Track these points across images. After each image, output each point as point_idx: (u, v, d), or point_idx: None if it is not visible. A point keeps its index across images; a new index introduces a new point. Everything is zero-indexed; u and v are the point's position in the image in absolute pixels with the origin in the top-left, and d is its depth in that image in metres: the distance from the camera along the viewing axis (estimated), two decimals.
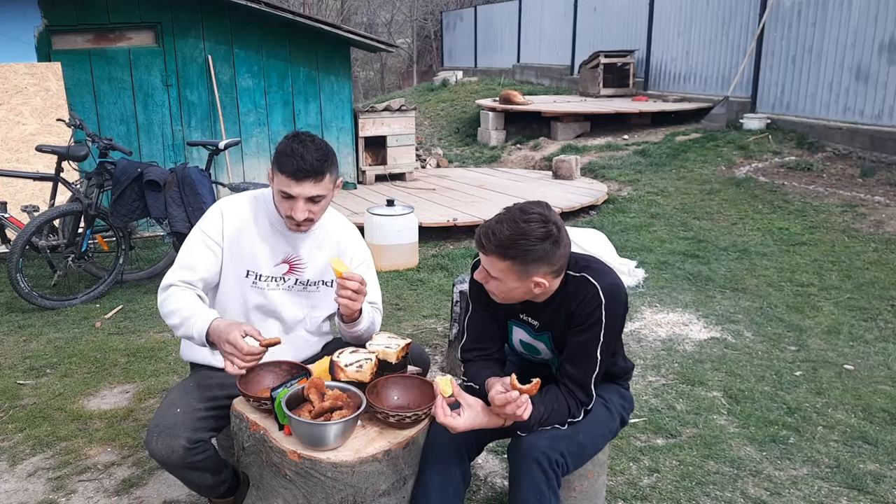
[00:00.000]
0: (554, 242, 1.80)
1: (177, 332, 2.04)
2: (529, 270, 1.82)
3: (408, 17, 23.38)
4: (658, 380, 3.52)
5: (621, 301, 1.92)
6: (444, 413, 1.81)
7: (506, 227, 1.79)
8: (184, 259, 2.15)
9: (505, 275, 1.84)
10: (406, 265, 5.56)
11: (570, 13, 14.05)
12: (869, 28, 7.64)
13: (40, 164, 5.76)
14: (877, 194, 6.56)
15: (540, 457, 1.85)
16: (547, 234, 1.79)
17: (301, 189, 2.03)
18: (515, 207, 1.83)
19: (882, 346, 3.85)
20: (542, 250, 1.79)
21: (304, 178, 2.02)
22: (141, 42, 6.81)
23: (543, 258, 1.80)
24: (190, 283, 2.11)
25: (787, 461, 2.78)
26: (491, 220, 1.84)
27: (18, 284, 4.50)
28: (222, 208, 2.20)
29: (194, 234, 2.19)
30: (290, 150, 2.02)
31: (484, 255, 1.86)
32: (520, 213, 1.81)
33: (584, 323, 1.90)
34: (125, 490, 2.64)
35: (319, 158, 2.03)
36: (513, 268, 1.82)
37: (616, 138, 9.77)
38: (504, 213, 1.84)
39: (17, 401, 3.39)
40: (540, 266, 1.81)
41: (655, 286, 4.92)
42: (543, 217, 1.80)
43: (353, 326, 2.20)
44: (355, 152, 8.06)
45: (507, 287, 1.88)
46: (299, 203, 2.06)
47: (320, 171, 2.04)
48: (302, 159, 2.01)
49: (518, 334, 2.12)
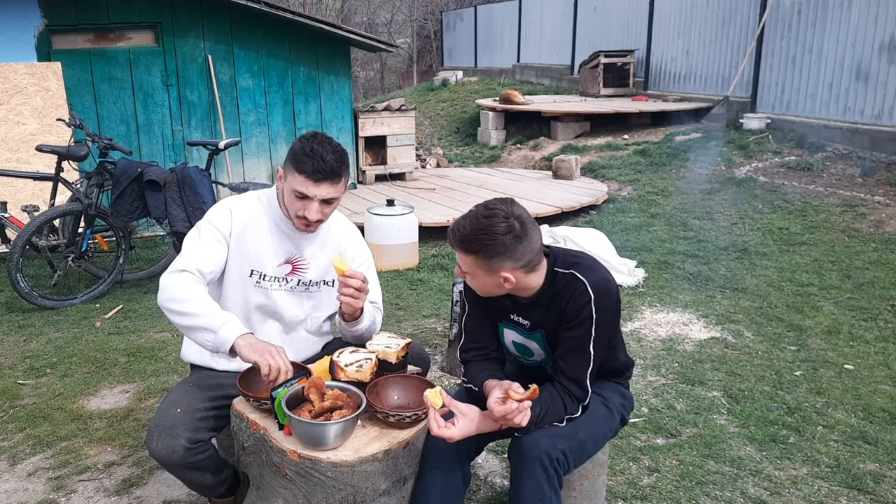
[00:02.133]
0: (516, 237, 1.82)
1: (179, 319, 1.94)
2: (493, 265, 1.85)
3: (408, 17, 23.38)
4: (658, 379, 3.52)
5: (612, 295, 1.93)
6: (437, 426, 1.82)
7: (468, 223, 1.84)
8: (195, 249, 2.09)
9: (472, 269, 1.89)
10: (406, 265, 5.56)
11: (570, 13, 14.05)
12: (869, 28, 7.64)
13: (40, 164, 5.76)
14: (877, 194, 6.56)
15: (542, 455, 1.85)
16: (508, 229, 1.81)
17: (318, 190, 2.03)
18: (482, 205, 1.88)
19: (882, 346, 3.85)
20: (503, 245, 1.81)
21: (322, 180, 2.02)
22: (141, 42, 6.81)
23: (505, 253, 1.83)
24: (202, 272, 2.05)
25: (787, 461, 2.78)
26: (460, 217, 1.89)
27: (18, 284, 4.50)
28: (231, 206, 2.19)
29: (204, 226, 2.14)
30: (310, 150, 2.01)
31: (454, 250, 1.91)
32: (483, 209, 1.85)
33: (575, 319, 1.91)
34: (125, 490, 2.64)
35: (338, 160, 2.04)
36: (477, 262, 1.86)
37: (616, 138, 9.77)
38: (471, 209, 1.88)
39: (17, 401, 3.39)
40: (504, 260, 1.84)
41: (655, 286, 4.92)
42: (505, 213, 1.83)
43: (354, 325, 2.20)
44: (355, 152, 8.06)
45: (479, 281, 1.92)
46: (314, 204, 2.05)
47: (338, 173, 2.05)
48: (322, 160, 2.00)
49: (510, 336, 2.12)
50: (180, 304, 1.95)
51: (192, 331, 1.95)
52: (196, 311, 1.93)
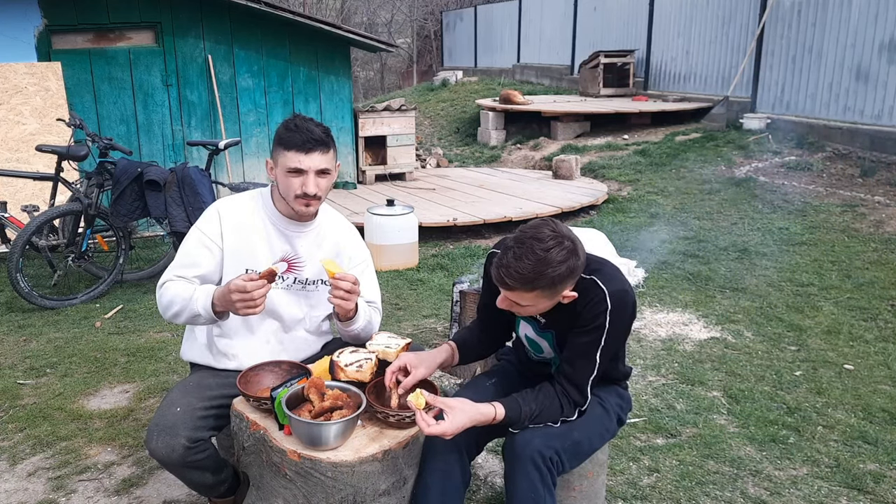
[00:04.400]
0: (574, 254, 1.80)
1: (180, 318, 2.08)
2: (558, 290, 1.82)
3: (408, 17, 23.38)
4: (658, 380, 3.52)
5: (628, 308, 1.92)
6: (427, 424, 1.79)
7: (527, 262, 1.74)
8: (180, 259, 2.17)
9: (535, 301, 1.84)
10: (406, 265, 5.56)
11: (570, 13, 14.05)
12: (869, 28, 7.64)
13: (40, 164, 5.76)
14: (877, 194, 6.56)
15: (535, 455, 1.85)
16: (568, 255, 1.78)
17: (311, 161, 2.06)
18: (527, 237, 1.77)
19: (882, 346, 3.85)
20: (568, 269, 1.78)
21: (312, 149, 2.06)
22: (141, 42, 6.81)
23: (569, 275, 1.81)
24: (185, 278, 2.14)
25: (787, 461, 2.78)
26: (507, 257, 1.77)
27: (18, 284, 4.50)
28: (219, 209, 2.21)
29: (191, 234, 2.20)
30: (294, 125, 2.07)
31: (507, 290, 1.83)
32: (535, 242, 1.76)
33: (588, 325, 1.90)
34: (125, 490, 2.64)
35: (324, 131, 2.10)
36: (542, 294, 1.81)
37: (616, 138, 9.77)
38: (517, 245, 1.77)
39: (17, 400, 3.39)
40: (567, 282, 1.83)
41: (655, 286, 4.92)
42: (558, 237, 1.77)
43: (349, 325, 2.20)
44: (355, 152, 8.06)
45: (537, 307, 1.88)
46: (311, 176, 2.08)
47: (326, 142, 2.09)
48: (309, 131, 2.05)
49: (524, 329, 2.13)
50: (171, 306, 2.09)
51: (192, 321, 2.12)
52: (180, 307, 2.06)
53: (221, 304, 2.00)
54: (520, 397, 1.92)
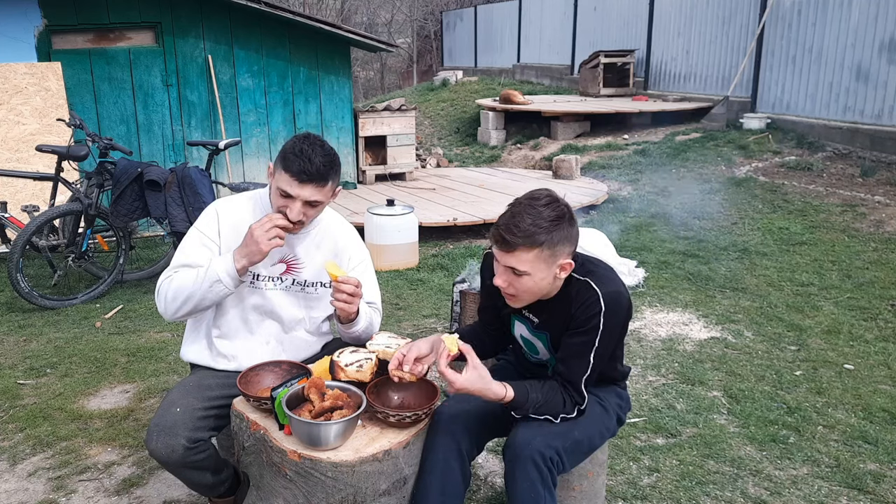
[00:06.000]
0: (570, 219, 1.86)
1: (188, 305, 2.06)
2: (556, 252, 1.84)
3: (408, 17, 23.37)
4: (658, 379, 3.52)
5: (622, 309, 1.93)
6: (445, 363, 1.84)
7: (526, 217, 1.81)
8: (178, 258, 2.17)
9: (534, 265, 1.83)
10: (406, 265, 5.56)
11: (570, 13, 14.05)
12: (869, 28, 7.64)
13: (40, 164, 5.76)
14: (877, 194, 6.56)
15: (534, 455, 1.85)
16: (563, 213, 1.84)
17: (301, 191, 2.02)
18: (523, 198, 1.87)
19: (882, 346, 3.85)
20: (565, 229, 1.83)
21: (307, 182, 2.01)
22: (141, 42, 6.81)
23: (567, 237, 1.85)
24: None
25: (787, 461, 2.78)
26: (505, 217, 1.85)
27: (19, 284, 4.50)
28: (217, 209, 2.21)
29: (190, 234, 2.20)
30: (300, 150, 2.00)
31: (508, 252, 1.83)
32: (531, 200, 1.85)
33: (582, 327, 1.91)
34: (125, 490, 2.64)
35: (326, 164, 2.02)
36: (542, 255, 1.82)
37: (616, 138, 9.77)
38: (514, 206, 1.86)
39: (17, 401, 3.39)
40: (565, 245, 1.85)
41: (655, 286, 4.92)
42: (553, 197, 1.85)
43: (350, 327, 2.20)
44: (355, 152, 8.06)
45: (535, 279, 1.86)
46: (296, 204, 2.04)
47: (325, 177, 2.03)
48: (309, 162, 1.99)
49: (519, 329, 2.13)
50: (176, 299, 2.07)
51: (206, 297, 2.06)
52: (191, 290, 2.05)
53: (242, 255, 2.01)
54: (528, 384, 1.93)
